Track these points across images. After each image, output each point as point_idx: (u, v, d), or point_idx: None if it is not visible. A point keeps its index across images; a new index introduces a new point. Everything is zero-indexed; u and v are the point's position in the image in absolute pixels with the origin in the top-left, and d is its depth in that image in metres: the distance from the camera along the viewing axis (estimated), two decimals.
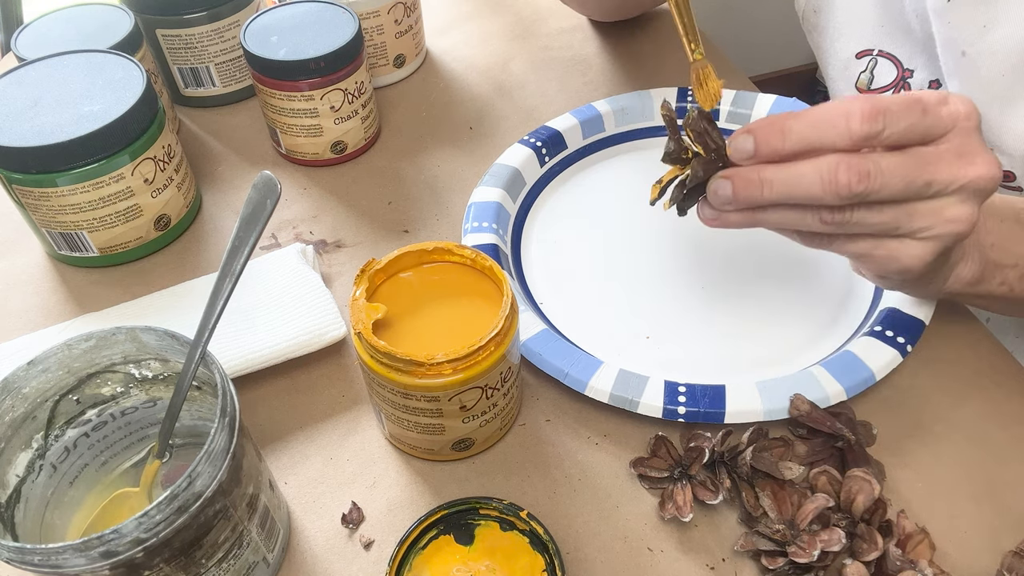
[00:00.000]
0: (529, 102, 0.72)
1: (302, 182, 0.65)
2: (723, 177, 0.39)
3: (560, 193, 0.62)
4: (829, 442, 0.45)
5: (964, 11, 0.52)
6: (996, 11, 0.51)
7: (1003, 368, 0.49)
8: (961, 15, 0.52)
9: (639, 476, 0.45)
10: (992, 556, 0.41)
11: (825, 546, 0.39)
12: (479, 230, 0.55)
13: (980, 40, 0.52)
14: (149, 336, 0.39)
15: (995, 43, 0.51)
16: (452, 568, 0.41)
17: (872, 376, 0.46)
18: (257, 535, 0.39)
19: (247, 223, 0.40)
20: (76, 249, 0.58)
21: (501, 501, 0.42)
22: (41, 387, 0.39)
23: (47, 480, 0.40)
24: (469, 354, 0.40)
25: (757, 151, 0.38)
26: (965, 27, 0.52)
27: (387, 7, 0.68)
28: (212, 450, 0.34)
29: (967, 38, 0.53)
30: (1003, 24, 0.51)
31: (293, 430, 0.49)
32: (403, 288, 0.45)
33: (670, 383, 0.46)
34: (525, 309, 0.51)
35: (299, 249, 0.57)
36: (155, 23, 0.66)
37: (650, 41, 0.77)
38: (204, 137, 0.71)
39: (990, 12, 0.51)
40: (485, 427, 0.45)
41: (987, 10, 0.51)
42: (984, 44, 0.52)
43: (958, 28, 0.53)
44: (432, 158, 0.67)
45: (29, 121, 0.53)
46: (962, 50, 0.53)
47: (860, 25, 0.63)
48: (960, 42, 0.53)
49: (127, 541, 0.32)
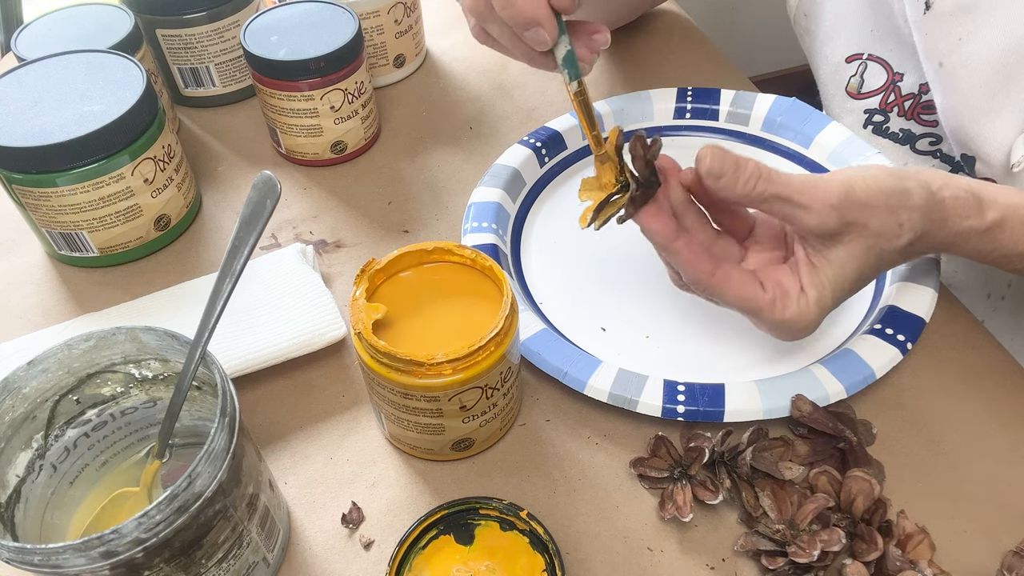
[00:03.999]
0: (529, 102, 0.72)
1: (302, 182, 0.65)
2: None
3: (560, 193, 0.62)
4: (830, 443, 0.45)
5: (940, 24, 0.52)
6: (972, 25, 0.51)
7: (1003, 368, 0.49)
8: (937, 27, 0.52)
9: (639, 476, 0.45)
10: (992, 556, 0.41)
11: (825, 546, 0.39)
12: (479, 230, 0.55)
13: (956, 52, 0.52)
14: (149, 336, 0.39)
15: (970, 56, 0.51)
16: (452, 568, 0.41)
17: (872, 374, 0.46)
18: (257, 535, 0.39)
19: (247, 223, 0.40)
20: (76, 249, 0.58)
21: (501, 501, 0.42)
22: (41, 387, 0.39)
23: (47, 480, 0.40)
24: (469, 354, 0.40)
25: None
26: (941, 39, 0.52)
27: (387, 7, 0.68)
28: (212, 450, 0.34)
29: (943, 50, 0.52)
30: (978, 38, 0.51)
31: (293, 430, 0.49)
32: (403, 288, 0.45)
33: (669, 382, 0.46)
34: (525, 309, 0.51)
35: (299, 249, 0.57)
36: (155, 23, 0.66)
37: (650, 41, 0.77)
38: (204, 137, 0.71)
39: (966, 26, 0.51)
40: (485, 427, 0.45)
41: (963, 24, 0.51)
42: (959, 57, 0.52)
43: (935, 40, 0.53)
44: (432, 158, 0.67)
45: (29, 121, 0.53)
46: (939, 61, 0.53)
47: (850, 29, 0.63)
48: (936, 53, 0.53)
49: (127, 541, 0.32)
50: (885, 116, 0.63)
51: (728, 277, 0.42)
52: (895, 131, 0.63)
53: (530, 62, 0.47)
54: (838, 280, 0.42)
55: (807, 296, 0.42)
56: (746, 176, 0.40)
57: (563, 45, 0.43)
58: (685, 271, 0.42)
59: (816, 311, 0.42)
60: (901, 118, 0.62)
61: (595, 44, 0.46)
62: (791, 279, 0.42)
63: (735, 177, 0.40)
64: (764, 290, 0.42)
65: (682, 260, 0.42)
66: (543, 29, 0.42)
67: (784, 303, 0.42)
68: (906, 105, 0.61)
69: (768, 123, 0.62)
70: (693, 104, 0.64)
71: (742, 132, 0.63)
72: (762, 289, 0.42)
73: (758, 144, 0.63)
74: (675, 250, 0.42)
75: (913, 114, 0.61)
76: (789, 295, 0.42)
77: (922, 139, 0.62)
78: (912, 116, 0.61)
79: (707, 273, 0.42)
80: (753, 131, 0.63)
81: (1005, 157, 0.52)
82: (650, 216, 0.42)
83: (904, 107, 0.61)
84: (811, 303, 0.42)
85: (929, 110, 0.60)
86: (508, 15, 0.43)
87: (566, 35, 0.43)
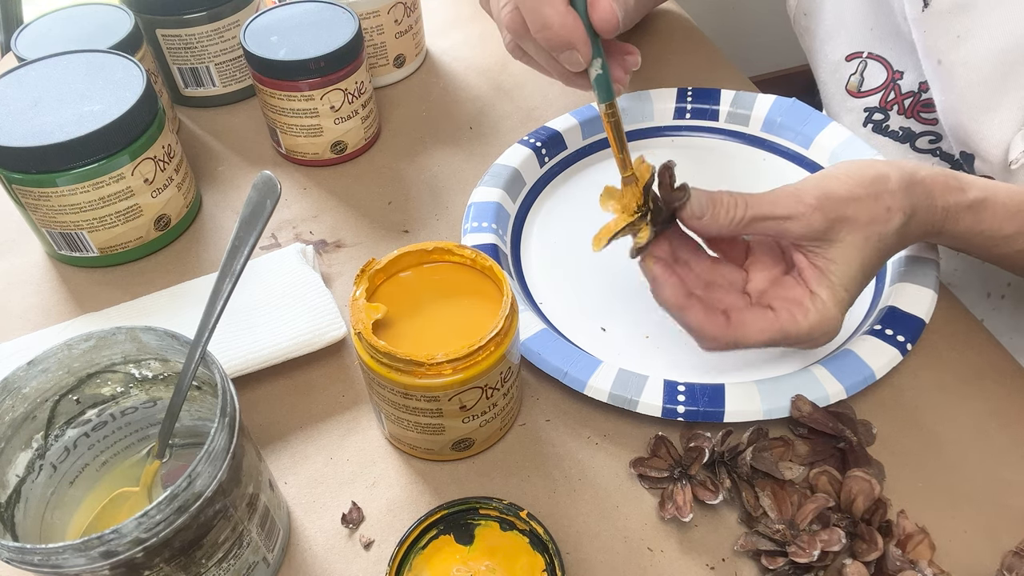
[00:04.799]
0: (529, 102, 0.72)
1: (302, 182, 0.65)
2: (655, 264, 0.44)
3: (560, 193, 0.62)
4: (830, 443, 0.45)
5: (939, 21, 0.52)
6: (970, 22, 0.51)
7: (1003, 368, 0.49)
8: (936, 25, 0.52)
9: (639, 476, 0.45)
10: (992, 556, 0.41)
11: (825, 546, 0.39)
12: (478, 230, 0.55)
13: (954, 50, 0.52)
14: (149, 336, 0.39)
15: (969, 54, 0.51)
16: (452, 568, 0.41)
17: (872, 375, 0.46)
18: (257, 535, 0.39)
19: (247, 223, 0.40)
20: (76, 249, 0.58)
21: (501, 501, 0.42)
22: (41, 387, 0.39)
23: (47, 480, 0.40)
24: (469, 354, 0.40)
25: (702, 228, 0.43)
26: (940, 37, 0.52)
27: (387, 7, 0.68)
28: (212, 450, 0.34)
29: (942, 48, 0.52)
30: (977, 35, 0.51)
31: (293, 430, 0.49)
32: (403, 288, 0.45)
33: (669, 382, 0.46)
34: (525, 309, 0.51)
35: (299, 249, 0.57)
36: (155, 23, 0.66)
37: (650, 41, 0.77)
38: (204, 137, 0.71)
39: (964, 23, 0.51)
40: (485, 427, 0.45)
41: (961, 21, 0.51)
42: (958, 54, 0.52)
43: (933, 38, 0.53)
44: (432, 158, 0.67)
45: (29, 121, 0.53)
46: (938, 59, 0.53)
47: (850, 28, 0.63)
48: (935, 51, 0.53)
49: (127, 541, 0.32)
50: (885, 114, 0.63)
51: (744, 323, 0.42)
52: (895, 129, 0.63)
53: (566, 81, 0.47)
54: (845, 276, 0.42)
55: (820, 297, 0.42)
56: (724, 208, 0.41)
57: (596, 66, 0.43)
58: (702, 331, 0.43)
59: (834, 309, 0.42)
60: (901, 116, 0.62)
61: (628, 64, 0.46)
62: (797, 289, 0.43)
63: (715, 214, 0.41)
64: (775, 312, 0.42)
65: (695, 319, 0.43)
66: (577, 52, 0.42)
67: (801, 312, 0.42)
68: (906, 103, 0.61)
69: (768, 123, 0.62)
70: (693, 104, 0.64)
71: (742, 132, 0.63)
72: (773, 312, 0.42)
73: (758, 144, 0.63)
74: (687, 307, 0.43)
75: (913, 112, 0.61)
76: (801, 304, 0.42)
77: (922, 137, 0.62)
78: (912, 114, 0.61)
79: (723, 325, 0.42)
80: (753, 131, 0.63)
81: (1004, 154, 0.52)
82: (662, 270, 0.43)
83: (904, 105, 0.61)
84: (826, 302, 0.42)
85: (929, 108, 0.60)
86: (543, 37, 0.43)
87: (601, 57, 0.43)
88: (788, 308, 0.42)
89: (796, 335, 0.42)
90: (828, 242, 0.42)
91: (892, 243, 0.43)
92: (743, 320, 0.42)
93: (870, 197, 0.42)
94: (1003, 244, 0.46)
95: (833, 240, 0.42)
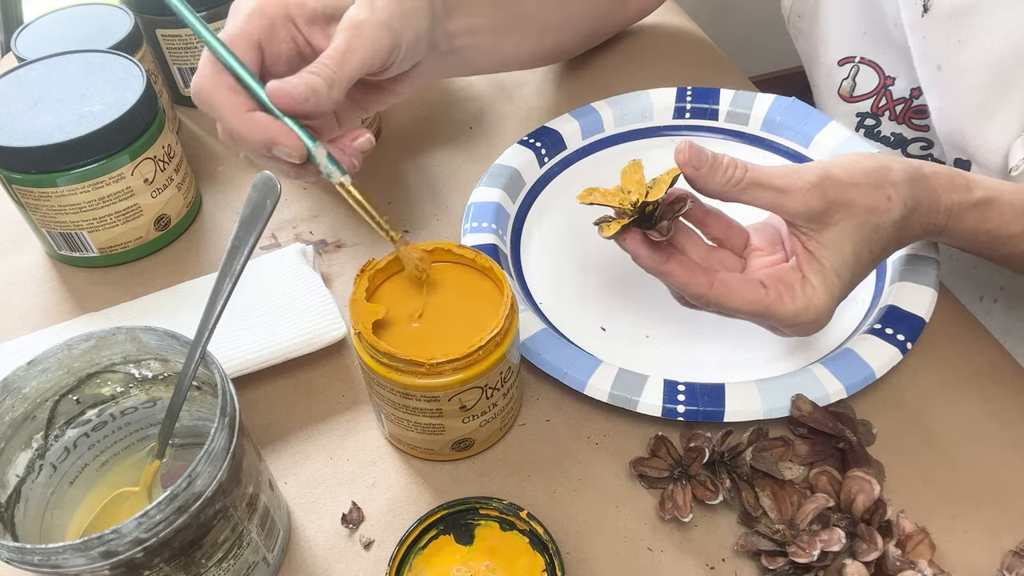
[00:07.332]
0: (529, 102, 0.72)
1: (302, 182, 0.65)
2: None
3: (560, 193, 0.62)
4: (830, 442, 0.45)
5: (938, 26, 0.52)
6: (970, 28, 0.51)
7: (1003, 368, 0.49)
8: (935, 30, 0.52)
9: (639, 476, 0.45)
10: (992, 556, 0.41)
11: (825, 546, 0.39)
12: (478, 230, 0.55)
13: (954, 56, 0.52)
14: (149, 336, 0.39)
15: (969, 59, 0.51)
16: (452, 568, 0.41)
17: (872, 374, 0.46)
18: (257, 535, 0.39)
19: (247, 223, 0.40)
20: (76, 249, 0.58)
21: (501, 501, 0.42)
22: (41, 387, 0.39)
23: (47, 480, 0.40)
24: (469, 354, 0.40)
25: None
26: (940, 42, 0.52)
27: None
28: (212, 450, 0.34)
29: (941, 53, 0.52)
30: (977, 41, 0.51)
31: (293, 430, 0.49)
32: (403, 288, 0.45)
33: (669, 382, 0.46)
34: (525, 309, 0.51)
35: (299, 249, 0.57)
36: (155, 23, 0.66)
37: (650, 41, 0.77)
38: (204, 137, 0.71)
39: (964, 29, 0.51)
40: (485, 427, 0.45)
41: (961, 27, 0.51)
42: (958, 60, 0.52)
43: (933, 43, 0.53)
44: (432, 158, 0.67)
45: (29, 121, 0.53)
46: (937, 64, 0.53)
47: (843, 32, 0.63)
48: (935, 56, 0.53)
49: (127, 541, 0.32)
50: (877, 120, 0.63)
51: (727, 284, 0.42)
52: (887, 135, 0.63)
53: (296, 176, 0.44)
54: (838, 262, 0.42)
55: (811, 283, 0.42)
56: (723, 166, 0.41)
57: (317, 149, 0.42)
58: (685, 290, 0.43)
59: (824, 297, 0.42)
60: (892, 122, 0.62)
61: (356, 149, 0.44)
62: (792, 273, 0.43)
63: (713, 169, 0.41)
64: (766, 288, 0.42)
65: (678, 280, 0.42)
66: (284, 146, 0.41)
67: (790, 295, 0.42)
68: (897, 109, 0.61)
69: (768, 123, 0.62)
70: (693, 104, 0.64)
71: (742, 132, 0.63)
72: (763, 288, 0.42)
73: (758, 144, 0.63)
74: (668, 272, 0.42)
75: (904, 118, 0.61)
76: (793, 287, 0.42)
77: (913, 143, 0.62)
78: (903, 120, 0.61)
79: (706, 285, 0.42)
80: (753, 131, 0.63)
81: (1003, 160, 0.51)
82: (635, 243, 0.42)
83: (895, 111, 0.61)
84: (817, 289, 0.42)
85: (920, 114, 0.60)
86: (245, 145, 0.42)
87: (316, 141, 0.42)
88: (778, 288, 0.42)
89: (781, 315, 0.42)
90: (823, 224, 0.42)
91: (890, 235, 0.43)
92: (727, 282, 0.42)
93: (871, 185, 0.42)
94: (1009, 244, 0.46)
95: (828, 223, 0.42)
